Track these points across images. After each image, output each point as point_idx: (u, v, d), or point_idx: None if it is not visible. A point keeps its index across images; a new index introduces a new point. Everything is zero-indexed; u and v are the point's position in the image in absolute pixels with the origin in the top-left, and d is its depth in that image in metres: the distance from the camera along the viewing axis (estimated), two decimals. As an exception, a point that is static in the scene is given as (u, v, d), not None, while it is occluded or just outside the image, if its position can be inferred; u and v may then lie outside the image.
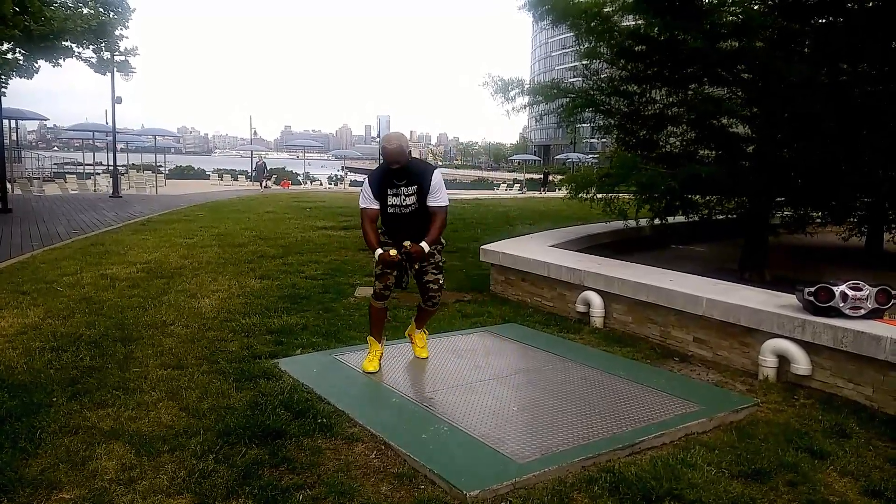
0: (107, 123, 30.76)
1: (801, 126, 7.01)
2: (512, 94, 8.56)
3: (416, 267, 4.26)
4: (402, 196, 4.15)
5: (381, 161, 4.23)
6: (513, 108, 8.68)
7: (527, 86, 8.75)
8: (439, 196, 4.18)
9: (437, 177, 4.18)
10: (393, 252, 4.08)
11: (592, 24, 7.92)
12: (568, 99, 8.53)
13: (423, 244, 4.09)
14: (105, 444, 3.18)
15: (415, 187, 4.15)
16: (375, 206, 4.18)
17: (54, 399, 3.70)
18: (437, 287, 4.39)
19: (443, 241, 4.40)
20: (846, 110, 6.68)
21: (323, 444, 3.26)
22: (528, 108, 8.95)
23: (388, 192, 4.14)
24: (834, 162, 6.86)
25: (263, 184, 32.77)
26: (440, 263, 4.39)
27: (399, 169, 4.06)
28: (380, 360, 4.41)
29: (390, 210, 4.18)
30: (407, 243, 4.16)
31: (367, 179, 4.26)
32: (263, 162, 36.17)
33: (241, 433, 3.28)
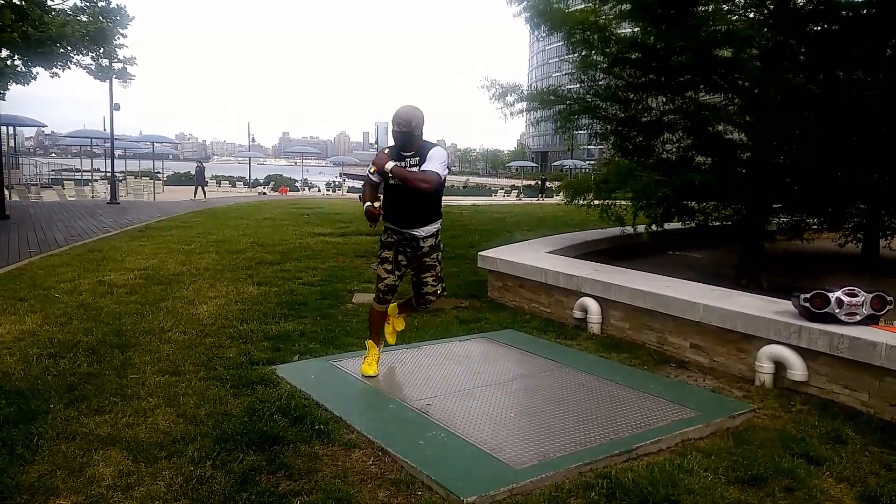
0: (105, 130, 30.80)
1: (795, 133, 7.05)
2: (510, 99, 8.59)
3: (420, 276, 4.39)
4: (406, 167, 4.16)
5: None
6: (510, 112, 8.71)
7: (524, 92, 8.79)
8: (434, 165, 4.09)
9: (439, 150, 4.19)
10: (378, 204, 4.19)
11: (587, 33, 7.96)
12: (565, 105, 8.56)
13: (391, 164, 4.06)
14: (102, 450, 3.18)
15: (417, 159, 4.17)
16: (375, 179, 4.25)
17: (52, 405, 3.70)
18: (434, 297, 4.50)
19: (442, 246, 4.46)
20: (839, 118, 6.72)
21: (320, 450, 3.27)
22: (525, 114, 8.97)
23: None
24: (829, 169, 6.89)
25: (198, 192, 28.11)
26: (440, 274, 4.46)
27: (407, 142, 4.11)
28: (378, 364, 4.43)
29: (392, 181, 4.17)
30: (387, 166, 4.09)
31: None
32: (202, 166, 31.86)
33: (238, 439, 3.28)
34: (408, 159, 4.15)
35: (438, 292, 4.48)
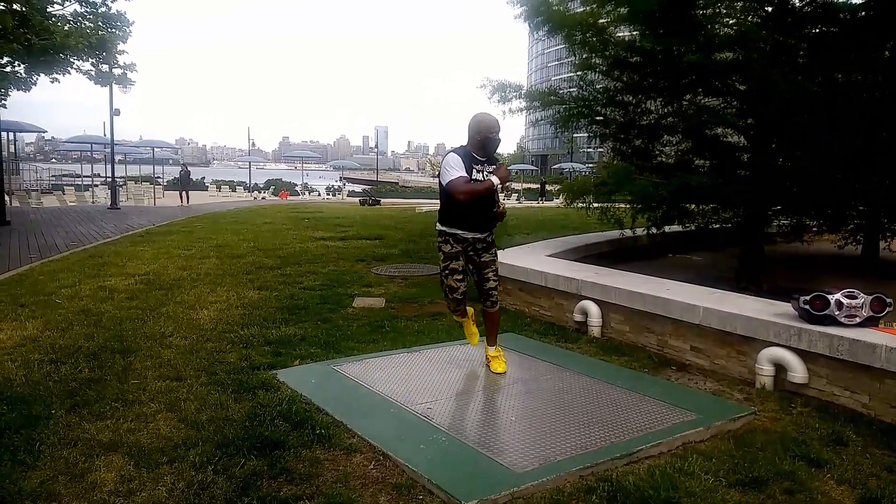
0: (105, 135, 30.82)
1: (795, 136, 7.06)
2: (509, 96, 8.60)
3: (479, 273, 4.52)
4: (484, 175, 4.31)
5: (463, 145, 4.38)
6: (509, 110, 8.73)
7: (524, 91, 8.80)
8: None
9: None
10: (495, 179, 4.23)
11: (587, 35, 7.98)
12: (564, 107, 8.58)
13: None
14: (104, 456, 3.19)
15: (492, 168, 4.35)
16: (465, 174, 4.25)
17: (53, 411, 3.70)
18: (496, 293, 4.60)
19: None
20: (839, 120, 6.73)
21: (321, 455, 3.27)
22: (524, 112, 8.97)
23: (475, 169, 4.28)
24: (828, 171, 6.90)
25: (184, 197, 26.13)
26: (497, 269, 4.61)
27: (482, 150, 4.30)
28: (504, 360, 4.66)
29: None
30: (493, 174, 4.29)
31: (453, 155, 4.30)
32: (187, 170, 30.08)
33: (239, 444, 3.29)
34: (484, 165, 4.31)
35: (498, 285, 4.61)
